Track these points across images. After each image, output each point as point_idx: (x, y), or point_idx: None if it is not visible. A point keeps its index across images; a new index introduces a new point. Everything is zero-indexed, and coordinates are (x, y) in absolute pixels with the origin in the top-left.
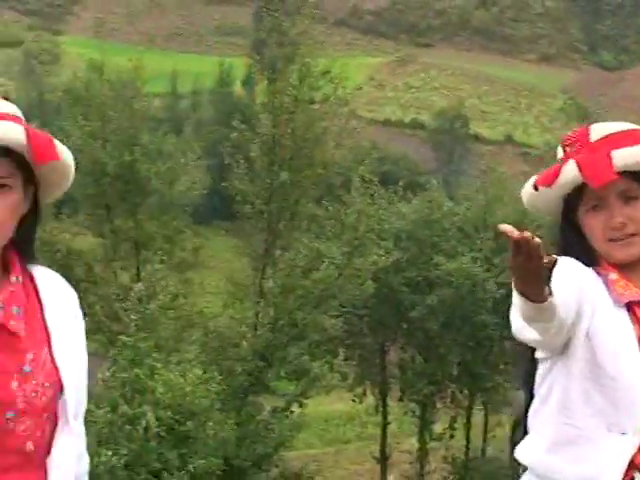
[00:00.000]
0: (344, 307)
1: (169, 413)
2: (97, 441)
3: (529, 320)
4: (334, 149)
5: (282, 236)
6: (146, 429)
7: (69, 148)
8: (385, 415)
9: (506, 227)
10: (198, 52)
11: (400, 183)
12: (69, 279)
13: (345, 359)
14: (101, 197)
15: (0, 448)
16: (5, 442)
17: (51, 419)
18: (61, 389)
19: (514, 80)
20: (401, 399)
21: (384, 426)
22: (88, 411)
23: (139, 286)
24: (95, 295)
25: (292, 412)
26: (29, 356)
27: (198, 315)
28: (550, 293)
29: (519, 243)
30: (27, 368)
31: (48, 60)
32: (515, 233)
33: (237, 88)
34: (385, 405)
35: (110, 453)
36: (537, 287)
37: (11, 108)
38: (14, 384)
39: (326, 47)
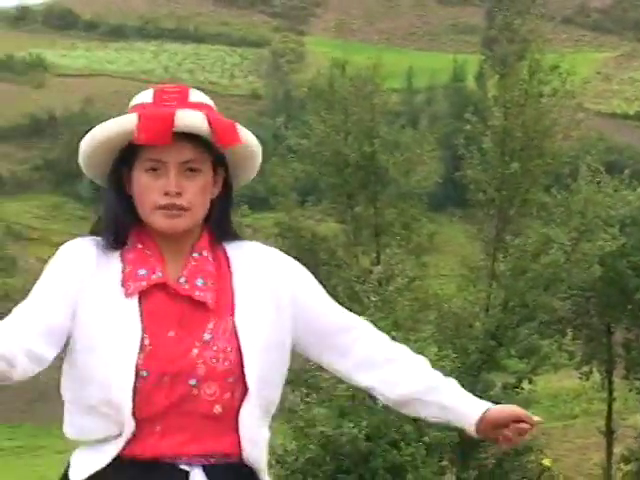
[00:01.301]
0: (572, 289)
1: None
2: (339, 413)
3: None
4: (562, 140)
5: (512, 222)
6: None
7: (313, 141)
8: (611, 392)
9: None
10: (433, 49)
11: (625, 172)
12: (314, 262)
13: (573, 339)
14: (343, 186)
15: (189, 413)
16: (193, 407)
17: (240, 382)
18: (241, 354)
19: None
20: (626, 377)
21: (610, 402)
22: (331, 385)
23: (378, 269)
24: (338, 277)
25: (522, 389)
26: (210, 325)
27: (433, 297)
28: None
29: None
30: (207, 336)
31: (293, 59)
32: None
33: (470, 83)
34: (611, 382)
35: (352, 425)
36: None
37: (200, 97)
38: (194, 352)
39: (554, 43)
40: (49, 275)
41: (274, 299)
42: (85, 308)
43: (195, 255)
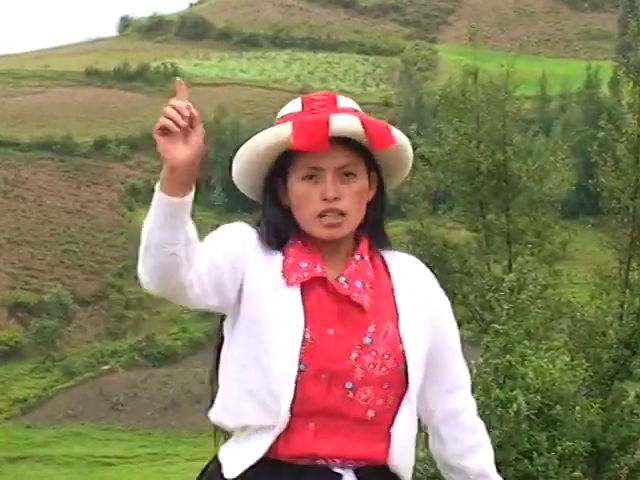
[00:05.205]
0: None
1: (538, 397)
2: None
3: None
4: None
5: None
6: (517, 412)
7: (445, 148)
8: None
9: None
10: (566, 56)
11: None
12: (445, 271)
13: None
14: (475, 194)
15: (343, 416)
16: (347, 410)
17: (393, 389)
18: (404, 362)
19: None
20: None
21: None
22: None
23: (510, 277)
24: (469, 286)
25: None
26: (370, 329)
27: (566, 305)
28: None
29: None
30: (367, 340)
31: (425, 67)
32: None
33: (604, 90)
34: None
35: None
36: None
37: (349, 103)
38: (353, 355)
39: None
40: (226, 231)
41: (427, 316)
42: (250, 286)
43: (357, 258)
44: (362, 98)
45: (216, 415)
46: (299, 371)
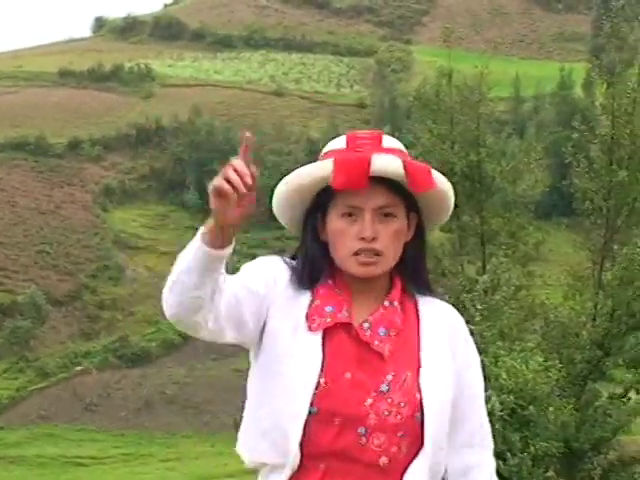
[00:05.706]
0: None
1: (512, 398)
2: None
3: None
4: None
5: (620, 231)
6: (490, 413)
7: (419, 150)
8: None
9: None
10: (540, 58)
11: None
12: None
13: None
14: None
15: (354, 460)
16: (359, 455)
17: (409, 438)
18: (421, 412)
19: None
20: None
21: None
22: None
23: (484, 278)
24: (443, 287)
25: (629, 399)
26: (389, 377)
27: (539, 306)
28: None
29: None
30: (384, 387)
31: (399, 68)
32: None
33: (577, 91)
34: None
35: None
36: None
37: (394, 143)
38: (368, 401)
39: None
40: (259, 267)
41: (452, 367)
42: (272, 324)
43: (386, 304)
44: (336, 99)
45: (238, 449)
46: (310, 413)
